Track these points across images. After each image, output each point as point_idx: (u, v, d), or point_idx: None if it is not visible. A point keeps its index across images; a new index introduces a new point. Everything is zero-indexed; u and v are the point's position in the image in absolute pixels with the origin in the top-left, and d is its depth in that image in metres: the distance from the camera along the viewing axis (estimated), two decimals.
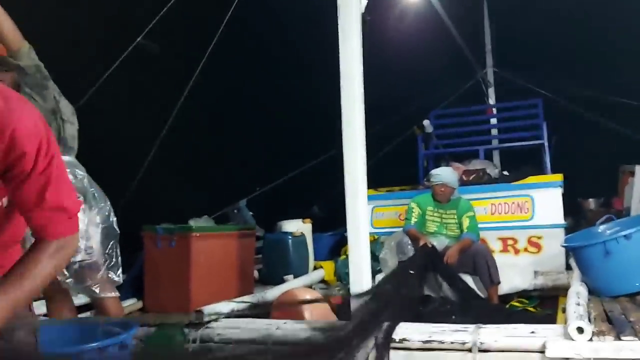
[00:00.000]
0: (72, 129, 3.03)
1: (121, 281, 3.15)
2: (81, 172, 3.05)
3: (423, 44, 7.26)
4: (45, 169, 1.30)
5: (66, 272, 2.92)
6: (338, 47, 2.97)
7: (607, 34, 7.22)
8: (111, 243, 3.11)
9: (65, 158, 3.00)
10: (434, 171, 4.91)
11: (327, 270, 5.25)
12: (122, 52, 4.15)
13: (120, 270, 3.14)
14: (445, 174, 4.75)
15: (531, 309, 4.31)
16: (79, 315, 3.54)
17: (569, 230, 4.97)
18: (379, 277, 4.73)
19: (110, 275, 3.06)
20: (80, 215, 2.93)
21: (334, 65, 2.99)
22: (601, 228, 3.64)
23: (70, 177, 2.94)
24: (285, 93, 7.66)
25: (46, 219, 1.34)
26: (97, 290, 2.99)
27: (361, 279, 3.09)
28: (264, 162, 7.91)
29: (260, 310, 3.89)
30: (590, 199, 7.61)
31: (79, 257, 2.92)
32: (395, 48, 7.09)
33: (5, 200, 1.36)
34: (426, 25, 6.49)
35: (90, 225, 3.01)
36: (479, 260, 4.28)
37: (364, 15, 2.84)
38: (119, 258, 3.16)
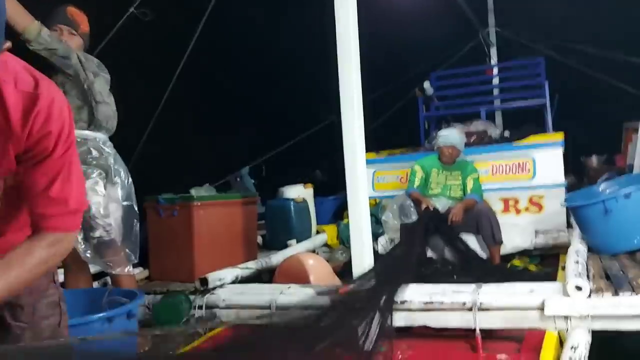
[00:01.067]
0: (107, 109, 3.09)
1: (136, 260, 3.18)
2: (108, 149, 3.09)
3: (423, 5, 7.10)
4: (62, 156, 1.30)
5: (84, 245, 2.97)
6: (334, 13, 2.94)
7: None
8: (133, 222, 3.16)
9: (98, 134, 3.03)
10: (441, 132, 4.88)
11: (329, 234, 5.30)
12: (116, 22, 4.10)
13: (137, 250, 3.19)
14: (453, 136, 4.72)
15: (532, 267, 4.35)
16: (95, 283, 3.62)
17: (571, 188, 4.98)
18: (381, 239, 4.79)
19: (127, 253, 3.11)
20: (101, 190, 2.99)
21: (332, 32, 2.96)
22: (602, 187, 3.64)
23: (95, 152, 3.00)
24: (286, 59, 7.56)
25: (49, 209, 1.32)
26: (112, 266, 3.03)
27: (362, 241, 3.12)
28: (265, 129, 7.88)
29: (264, 276, 3.96)
30: (593, 157, 7.57)
31: (97, 233, 2.97)
32: (394, 11, 6.96)
33: (7, 180, 1.34)
34: None
35: (111, 202, 3.05)
36: (482, 220, 4.30)
37: None
38: (138, 238, 3.20)
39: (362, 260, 3.11)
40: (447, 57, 7.99)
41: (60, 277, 3.17)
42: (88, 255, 2.99)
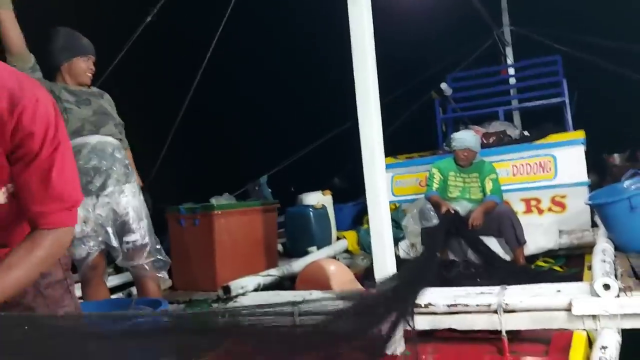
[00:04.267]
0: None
1: (169, 261, 3.21)
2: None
3: (436, 7, 7.09)
4: (51, 154, 1.31)
5: (117, 251, 3.01)
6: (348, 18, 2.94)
7: None
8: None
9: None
10: (456, 135, 4.83)
11: (350, 240, 5.29)
12: (131, 33, 4.15)
13: (164, 252, 3.22)
14: (468, 138, 4.67)
15: (557, 268, 4.28)
16: (120, 294, 3.66)
17: (593, 187, 4.90)
18: (402, 244, 4.76)
19: (158, 257, 3.14)
20: (139, 194, 3.04)
21: (347, 36, 2.96)
22: (626, 184, 3.58)
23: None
24: (302, 68, 7.61)
25: (45, 206, 1.33)
26: (146, 268, 3.06)
27: (383, 247, 3.10)
28: (282, 137, 7.92)
29: (285, 283, 3.96)
30: (615, 154, 7.44)
31: (132, 237, 3.00)
32: (408, 14, 6.96)
33: (8, 188, 1.35)
34: None
35: (143, 208, 3.10)
36: (504, 222, 4.25)
37: None
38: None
39: (384, 266, 3.07)
40: (462, 58, 7.94)
41: (78, 292, 3.23)
42: (120, 259, 3.03)
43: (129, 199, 3.00)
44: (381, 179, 3.04)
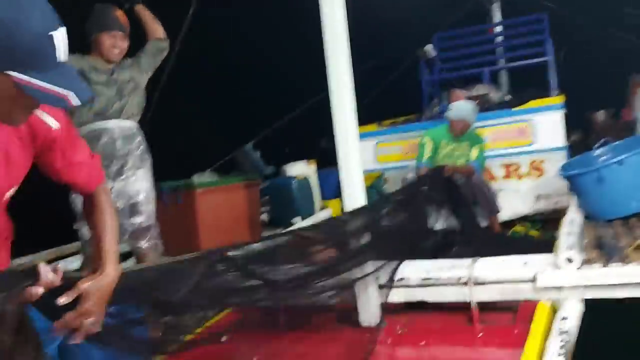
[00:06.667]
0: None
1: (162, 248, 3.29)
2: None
3: None
4: (67, 131, 1.45)
5: (127, 230, 3.07)
6: None
7: None
8: None
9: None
10: (454, 105, 4.81)
11: (334, 209, 5.37)
12: None
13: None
14: (466, 111, 4.66)
15: (533, 233, 4.40)
16: None
17: (578, 145, 4.97)
18: None
19: (157, 242, 3.20)
20: (150, 177, 3.07)
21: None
22: (597, 152, 3.64)
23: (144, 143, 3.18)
24: (280, 35, 7.49)
25: (86, 170, 1.52)
26: (147, 251, 3.13)
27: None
28: (265, 104, 7.87)
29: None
30: (600, 111, 7.47)
31: (139, 219, 3.07)
32: None
33: (13, 191, 1.44)
34: None
35: (152, 192, 3.18)
36: (477, 192, 4.34)
37: None
38: None
39: None
40: (446, 18, 7.78)
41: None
42: (126, 238, 3.10)
43: (142, 183, 3.08)
44: (354, 150, 3.00)
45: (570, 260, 2.58)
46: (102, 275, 1.41)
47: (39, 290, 1.24)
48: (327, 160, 6.27)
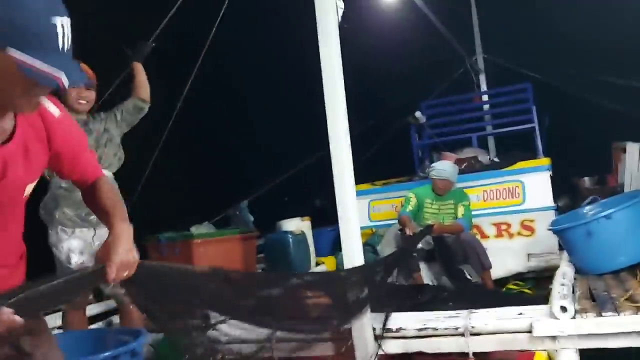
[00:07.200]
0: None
1: None
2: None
3: (408, 39, 7.34)
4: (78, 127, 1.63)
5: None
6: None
7: (593, 15, 7.27)
8: None
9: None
10: (437, 165, 5.01)
11: (328, 266, 5.39)
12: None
13: None
14: (448, 170, 4.86)
15: (527, 290, 4.44)
16: (100, 323, 3.70)
17: (564, 210, 5.10)
18: None
19: None
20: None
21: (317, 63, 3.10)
22: (586, 209, 3.76)
23: None
24: (279, 95, 7.78)
25: (91, 164, 1.67)
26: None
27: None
28: (262, 163, 8.04)
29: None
30: (585, 178, 7.70)
31: None
32: (379, 43, 7.19)
33: (30, 188, 1.52)
34: (409, 19, 6.58)
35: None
36: (468, 249, 4.42)
37: (340, 24, 2.97)
38: None
39: None
40: (436, 86, 8.18)
41: (58, 321, 3.27)
42: (110, 286, 3.07)
43: None
44: (352, 205, 3.13)
45: (564, 309, 2.63)
46: (114, 235, 1.52)
47: None
48: (320, 219, 6.39)
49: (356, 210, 3.14)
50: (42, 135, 1.46)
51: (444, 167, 4.90)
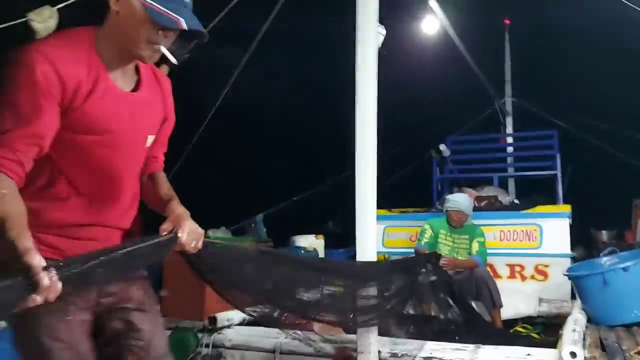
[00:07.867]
0: None
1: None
2: None
3: (442, 73, 7.44)
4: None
5: None
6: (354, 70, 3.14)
7: (625, 73, 7.29)
8: None
9: None
10: (451, 196, 5.06)
11: None
12: None
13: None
14: (462, 201, 4.90)
15: (535, 335, 4.40)
16: None
17: (579, 260, 5.06)
18: None
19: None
20: None
21: (352, 91, 3.17)
22: (604, 259, 3.75)
23: None
24: (307, 114, 7.90)
25: (165, 151, 1.81)
26: None
27: None
28: (283, 178, 8.14)
29: (272, 320, 4.04)
30: (603, 231, 7.63)
31: None
32: (415, 77, 7.29)
33: (150, 140, 1.66)
34: (445, 55, 6.67)
35: None
36: (480, 285, 4.40)
37: (380, 50, 3.04)
38: None
39: None
40: (463, 122, 8.26)
41: None
42: None
43: None
44: (371, 231, 3.17)
45: (574, 355, 2.61)
46: (180, 212, 1.62)
47: (37, 299, 1.18)
48: (332, 241, 6.42)
49: (375, 234, 3.16)
50: (160, 97, 1.64)
51: (458, 199, 4.93)
